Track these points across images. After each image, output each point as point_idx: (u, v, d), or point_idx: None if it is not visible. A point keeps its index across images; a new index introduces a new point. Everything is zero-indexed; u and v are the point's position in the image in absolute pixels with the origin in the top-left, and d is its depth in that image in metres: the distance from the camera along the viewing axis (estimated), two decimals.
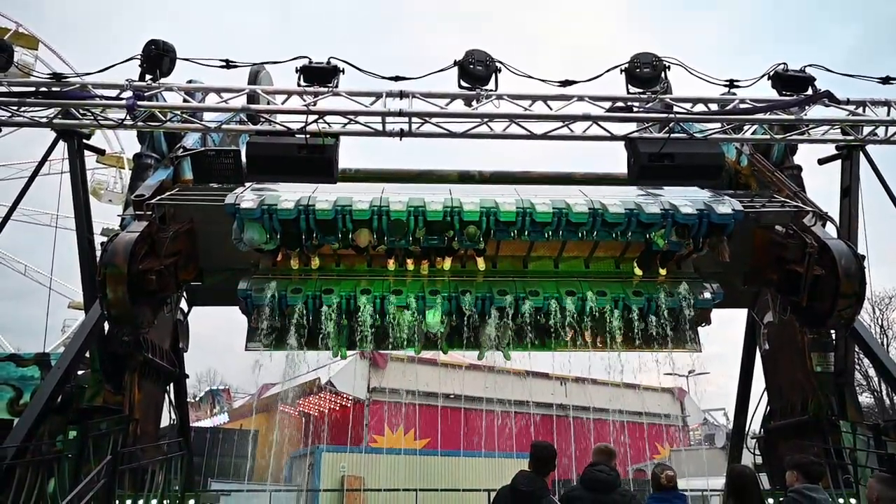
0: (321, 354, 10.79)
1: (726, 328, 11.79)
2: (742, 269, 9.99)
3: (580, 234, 9.21)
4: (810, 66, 8.33)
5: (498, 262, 10.37)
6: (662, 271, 9.91)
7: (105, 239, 8.31)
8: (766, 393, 10.92)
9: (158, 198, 8.89)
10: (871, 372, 28.46)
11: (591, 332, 9.69)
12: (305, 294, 9.46)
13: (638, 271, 10.06)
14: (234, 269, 9.69)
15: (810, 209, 9.07)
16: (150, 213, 8.79)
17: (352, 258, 10.16)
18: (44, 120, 7.96)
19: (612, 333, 9.81)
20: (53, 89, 7.81)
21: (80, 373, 9.57)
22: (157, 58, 7.91)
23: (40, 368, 11.20)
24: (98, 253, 8.56)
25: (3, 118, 7.81)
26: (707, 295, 9.59)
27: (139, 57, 7.91)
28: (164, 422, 11.19)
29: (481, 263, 10.15)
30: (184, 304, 11.23)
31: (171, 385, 11.16)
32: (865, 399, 29.76)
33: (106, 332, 9.45)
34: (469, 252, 9.96)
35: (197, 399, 42.89)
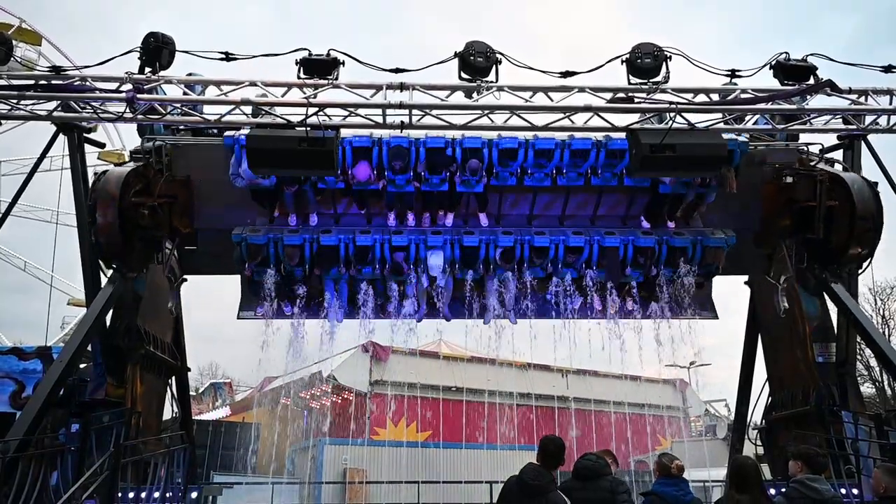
0: (323, 346, 10.82)
1: (726, 319, 11.80)
2: (753, 226, 9.96)
3: (584, 173, 9.32)
4: (812, 55, 8.29)
5: (501, 220, 10.33)
6: (671, 224, 9.89)
7: None
8: (767, 383, 10.93)
9: (157, 140, 8.92)
10: (873, 362, 28.44)
11: (599, 290, 9.66)
12: (303, 236, 9.43)
13: (645, 224, 10.04)
14: (230, 228, 9.69)
15: (816, 152, 9.08)
16: (147, 154, 8.83)
17: (351, 217, 10.16)
18: (43, 113, 7.95)
19: (623, 292, 9.74)
20: (53, 82, 7.79)
21: (82, 366, 9.60)
22: (157, 50, 7.88)
23: (42, 362, 11.23)
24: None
25: (2, 111, 7.80)
26: (719, 234, 9.63)
27: (138, 49, 7.88)
28: (167, 415, 11.23)
29: (483, 221, 10.13)
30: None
31: (173, 378, 11.19)
32: (867, 389, 29.75)
33: (108, 324, 9.47)
34: (472, 210, 9.92)
35: (199, 392, 42.97)
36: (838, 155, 9.99)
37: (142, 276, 9.76)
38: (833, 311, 9.87)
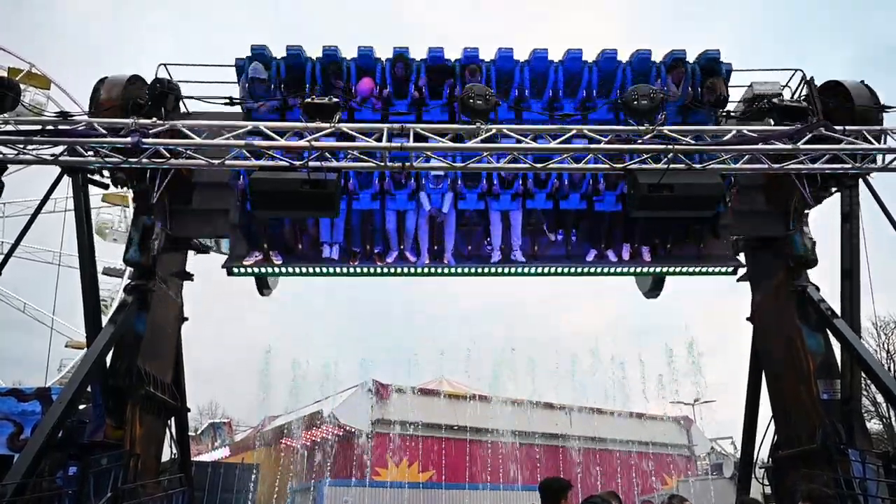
0: (325, 385, 10.72)
1: (730, 355, 11.74)
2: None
3: (583, 94, 9.54)
4: (806, 97, 8.44)
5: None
6: None
7: (109, 277, 8.43)
8: (773, 421, 10.81)
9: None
10: (880, 397, 28.15)
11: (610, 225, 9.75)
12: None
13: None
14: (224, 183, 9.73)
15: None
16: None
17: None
18: (49, 157, 8.07)
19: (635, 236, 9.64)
20: (60, 127, 7.93)
21: (81, 407, 9.53)
22: (162, 96, 8.06)
23: (41, 403, 11.17)
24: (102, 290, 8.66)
25: (9, 156, 7.92)
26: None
27: (145, 95, 8.04)
28: (165, 455, 11.10)
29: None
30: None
31: (173, 419, 11.09)
32: (874, 425, 29.38)
33: (108, 365, 9.45)
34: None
35: (198, 432, 42.49)
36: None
37: (142, 316, 9.77)
38: (837, 346, 9.83)
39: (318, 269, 10.09)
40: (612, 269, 10.39)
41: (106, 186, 10.27)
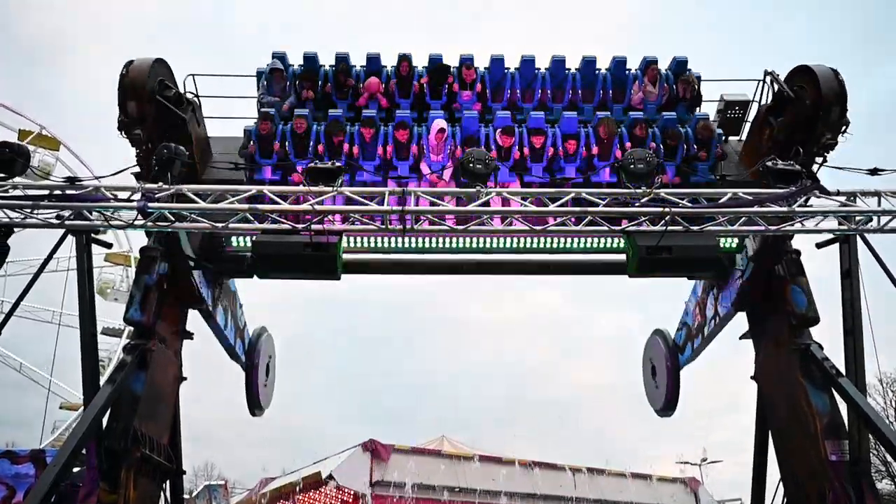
0: (326, 444, 10.56)
1: (735, 413, 11.59)
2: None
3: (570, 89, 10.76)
4: (778, 91, 8.69)
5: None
6: None
7: (107, 337, 8.40)
8: (781, 483, 10.58)
9: None
10: (889, 457, 27.59)
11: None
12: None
13: None
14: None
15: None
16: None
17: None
18: (56, 221, 8.19)
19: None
20: (67, 192, 8.08)
21: (75, 470, 9.36)
22: (169, 161, 8.23)
23: (35, 466, 10.99)
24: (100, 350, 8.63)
25: (16, 220, 8.04)
26: None
27: (152, 160, 8.22)
28: None
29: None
30: None
31: (168, 481, 10.87)
32: (885, 486, 28.67)
33: (104, 427, 9.31)
34: None
35: (193, 494, 41.44)
36: (834, 249, 10.15)
37: (140, 375, 9.70)
38: (843, 405, 9.71)
39: None
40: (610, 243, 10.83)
41: (109, 246, 10.38)
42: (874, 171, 8.75)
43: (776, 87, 9.88)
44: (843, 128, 9.20)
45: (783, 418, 10.53)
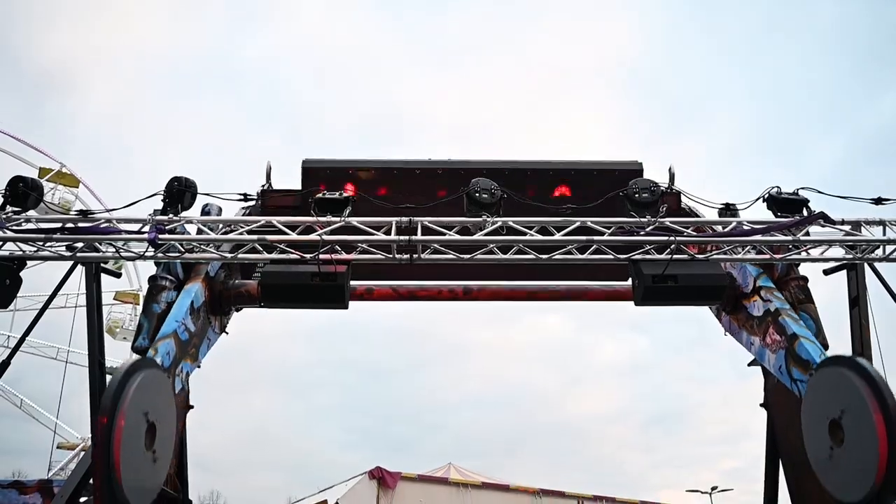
0: (332, 472, 10.46)
1: (746, 441, 11.45)
2: None
3: None
4: (803, 188, 8.70)
5: None
6: None
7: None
8: None
9: None
10: None
11: None
12: None
13: None
14: None
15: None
16: None
17: None
18: (67, 253, 8.32)
19: None
20: (79, 225, 8.23)
21: (82, 500, 9.33)
22: (180, 193, 8.40)
23: (43, 496, 10.93)
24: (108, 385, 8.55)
25: (29, 253, 8.17)
26: None
27: (162, 192, 8.40)
28: None
29: None
30: None
31: None
32: None
33: None
34: None
35: None
36: (842, 276, 10.13)
37: None
38: None
39: None
40: None
41: (118, 275, 10.46)
42: (878, 201, 8.81)
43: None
44: None
45: (794, 446, 10.39)
